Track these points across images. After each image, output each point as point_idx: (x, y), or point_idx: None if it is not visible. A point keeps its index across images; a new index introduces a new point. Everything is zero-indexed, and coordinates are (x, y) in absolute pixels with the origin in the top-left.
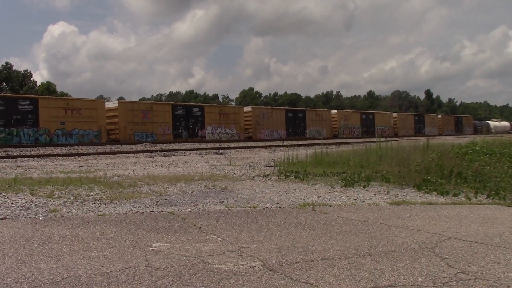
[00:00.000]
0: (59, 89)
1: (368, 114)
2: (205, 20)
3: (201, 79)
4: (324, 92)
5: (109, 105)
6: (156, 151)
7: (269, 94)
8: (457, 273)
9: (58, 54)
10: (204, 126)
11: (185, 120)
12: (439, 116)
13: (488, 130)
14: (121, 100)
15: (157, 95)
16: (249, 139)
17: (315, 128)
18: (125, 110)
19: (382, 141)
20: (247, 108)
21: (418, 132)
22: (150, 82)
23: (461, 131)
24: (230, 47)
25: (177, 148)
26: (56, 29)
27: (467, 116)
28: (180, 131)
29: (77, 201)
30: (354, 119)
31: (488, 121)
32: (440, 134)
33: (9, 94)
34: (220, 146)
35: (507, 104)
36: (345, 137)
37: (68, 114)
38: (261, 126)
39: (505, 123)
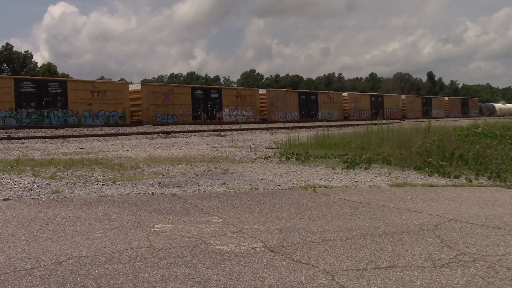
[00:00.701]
0: (60, 70)
1: (377, 96)
2: (206, 1)
3: (203, 61)
4: (326, 74)
5: (132, 87)
6: (157, 132)
7: (271, 76)
8: (457, 254)
9: (58, 35)
10: (221, 108)
11: (204, 102)
12: (446, 98)
13: (493, 112)
14: (144, 82)
15: (158, 76)
16: (264, 120)
17: (327, 110)
18: (148, 92)
19: (383, 123)
20: (262, 91)
21: (426, 114)
22: (151, 63)
23: (467, 113)
24: (231, 29)
25: (178, 129)
26: (56, 10)
27: (473, 99)
28: (199, 113)
29: (79, 182)
30: (364, 101)
31: (494, 104)
32: (447, 116)
33: (40, 77)
34: (222, 128)
35: (510, 86)
36: (355, 119)
37: (95, 96)
38: (276, 108)
39: (510, 105)
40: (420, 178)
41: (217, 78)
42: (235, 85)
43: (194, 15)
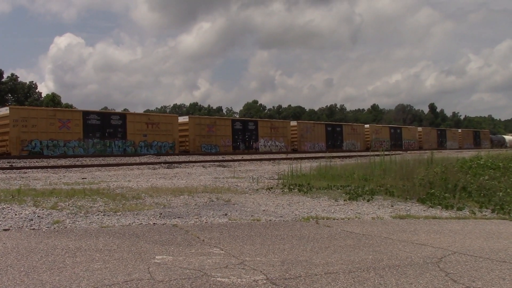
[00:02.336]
0: (64, 100)
1: (396, 128)
2: (211, 32)
3: (206, 91)
4: (328, 105)
5: (180, 120)
6: (159, 163)
7: (273, 107)
8: None
9: (64, 65)
10: (257, 139)
11: (242, 133)
12: (459, 130)
13: (503, 144)
14: (191, 115)
15: (161, 107)
16: (294, 151)
17: (351, 141)
18: (194, 124)
19: (386, 155)
20: (293, 123)
21: (440, 145)
22: (156, 94)
23: (479, 145)
24: (235, 60)
25: (180, 160)
26: (62, 41)
27: (484, 131)
28: (238, 143)
29: (81, 212)
30: (384, 133)
31: (504, 136)
32: (460, 148)
33: (104, 111)
34: (224, 159)
35: None
36: (376, 149)
37: (149, 128)
38: (305, 139)
39: None
40: (424, 210)
41: (219, 109)
42: (237, 116)
43: (199, 46)
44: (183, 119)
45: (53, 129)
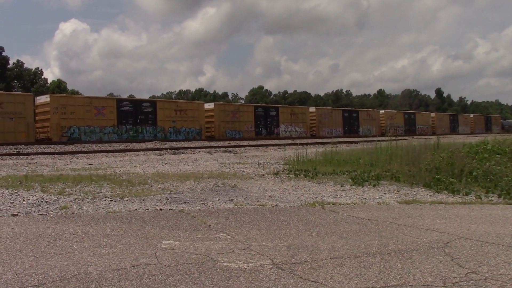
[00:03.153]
0: (69, 86)
1: (410, 114)
2: (216, 18)
3: (212, 77)
4: (334, 91)
5: (206, 106)
6: (166, 149)
7: (279, 92)
8: (468, 273)
9: (69, 52)
10: (278, 125)
11: (264, 119)
12: (471, 116)
13: None
14: (216, 102)
15: (167, 93)
16: (313, 136)
17: (367, 127)
18: (219, 111)
19: (392, 140)
20: (312, 109)
21: (453, 130)
22: (161, 80)
23: (490, 130)
24: (241, 46)
25: (186, 146)
26: (67, 27)
27: (496, 116)
28: (260, 129)
29: (88, 198)
30: (398, 118)
31: None
32: (472, 133)
33: (136, 98)
34: (230, 145)
35: None
36: (391, 134)
37: (178, 115)
38: (323, 124)
39: None
40: (429, 195)
41: (225, 95)
42: (243, 101)
43: (204, 32)
44: (208, 105)
45: (89, 116)
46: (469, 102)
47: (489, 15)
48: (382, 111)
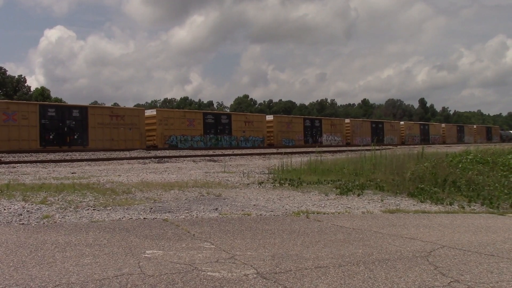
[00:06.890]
0: (53, 94)
1: (424, 125)
2: (204, 26)
3: (198, 86)
4: (319, 100)
5: (267, 118)
6: (150, 157)
7: (264, 101)
8: (451, 281)
9: (54, 59)
10: (321, 134)
11: (310, 129)
12: (475, 126)
13: (511, 139)
14: (275, 115)
15: (152, 101)
16: (348, 144)
17: (390, 136)
18: (277, 122)
19: (377, 150)
20: (347, 120)
21: (459, 140)
22: (147, 88)
23: (490, 139)
24: (228, 54)
25: (170, 154)
26: (53, 34)
27: (495, 127)
28: (307, 138)
29: (70, 207)
30: (415, 129)
31: (511, 131)
32: (475, 142)
33: (215, 111)
34: (214, 153)
35: (500, 114)
36: (409, 144)
37: (246, 126)
38: (356, 134)
39: None
40: (413, 205)
41: (210, 103)
42: (228, 110)
43: (192, 40)
44: (269, 117)
45: (183, 126)
46: (451, 112)
47: (473, 27)
48: (402, 123)
